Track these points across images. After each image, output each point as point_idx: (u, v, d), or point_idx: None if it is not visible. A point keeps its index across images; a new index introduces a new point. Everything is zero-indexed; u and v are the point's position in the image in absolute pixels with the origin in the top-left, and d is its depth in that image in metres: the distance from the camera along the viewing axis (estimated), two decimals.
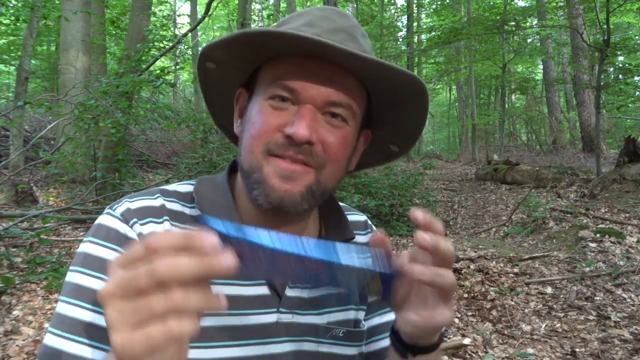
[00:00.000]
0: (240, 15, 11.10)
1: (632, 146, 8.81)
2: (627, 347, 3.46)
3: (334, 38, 0.77)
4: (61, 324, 0.74)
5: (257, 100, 0.81)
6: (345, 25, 0.82)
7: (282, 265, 0.53)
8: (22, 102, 6.86)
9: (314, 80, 0.77)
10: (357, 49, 0.78)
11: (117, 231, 0.79)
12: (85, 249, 0.80)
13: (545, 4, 14.28)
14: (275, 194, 0.77)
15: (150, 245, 0.48)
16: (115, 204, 0.84)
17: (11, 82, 20.10)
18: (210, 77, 0.87)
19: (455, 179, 13.29)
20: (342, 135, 0.80)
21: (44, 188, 8.07)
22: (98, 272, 0.76)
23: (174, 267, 0.46)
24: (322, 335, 0.88)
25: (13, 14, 9.59)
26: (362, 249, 0.59)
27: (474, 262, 5.22)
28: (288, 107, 0.78)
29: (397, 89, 0.80)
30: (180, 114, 9.15)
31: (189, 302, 0.47)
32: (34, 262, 4.47)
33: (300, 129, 0.75)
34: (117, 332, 0.47)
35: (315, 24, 0.81)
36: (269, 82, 0.79)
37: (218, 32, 26.82)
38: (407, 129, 0.90)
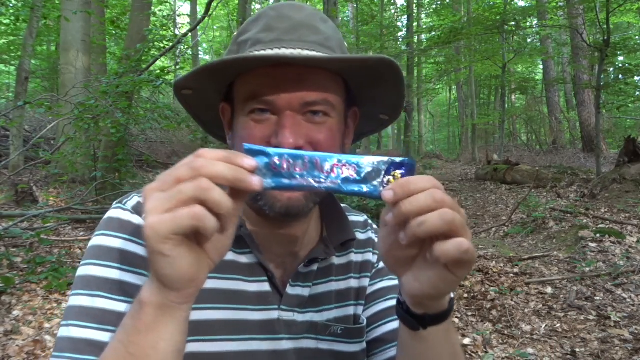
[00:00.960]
0: (240, 15, 11.10)
1: (632, 146, 8.81)
2: (627, 347, 3.46)
3: (294, 36, 0.80)
4: (79, 315, 0.75)
5: (239, 116, 0.83)
6: (302, 19, 0.82)
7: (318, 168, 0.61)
8: (22, 102, 6.86)
9: (285, 87, 0.78)
10: (319, 41, 0.81)
11: (130, 222, 0.81)
12: (98, 241, 0.81)
13: (545, 4, 14.28)
14: (279, 204, 0.80)
15: (198, 152, 0.57)
16: (125, 198, 0.85)
17: (11, 82, 20.10)
18: (190, 101, 0.90)
19: (455, 179, 13.29)
20: (327, 130, 0.81)
21: (44, 188, 8.07)
22: (113, 262, 0.78)
23: (210, 165, 0.55)
24: (321, 332, 0.90)
25: (13, 14, 9.59)
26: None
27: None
28: (269, 117, 0.79)
29: (368, 70, 0.81)
30: (180, 114, 9.14)
31: (213, 190, 0.54)
32: (34, 262, 4.47)
33: (284, 138, 0.76)
34: (150, 215, 0.54)
35: (272, 26, 0.82)
36: (245, 98, 0.81)
37: (218, 32, 26.81)
38: (390, 101, 0.92)
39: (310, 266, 0.92)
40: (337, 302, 0.95)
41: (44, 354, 3.16)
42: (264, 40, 0.81)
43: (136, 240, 0.80)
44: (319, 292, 0.93)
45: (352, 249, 0.99)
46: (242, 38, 0.85)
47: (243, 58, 0.75)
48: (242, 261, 0.86)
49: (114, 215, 0.83)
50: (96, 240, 0.81)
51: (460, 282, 0.60)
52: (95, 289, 0.76)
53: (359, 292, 0.99)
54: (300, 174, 0.61)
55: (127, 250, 0.79)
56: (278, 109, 0.79)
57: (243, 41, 0.85)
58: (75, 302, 0.76)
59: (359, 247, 1.01)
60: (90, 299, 0.76)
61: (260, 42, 0.81)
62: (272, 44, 0.80)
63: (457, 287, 0.71)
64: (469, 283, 4.62)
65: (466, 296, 4.39)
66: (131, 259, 0.78)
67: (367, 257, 1.02)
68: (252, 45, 0.82)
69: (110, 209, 0.85)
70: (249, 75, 0.80)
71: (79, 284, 0.78)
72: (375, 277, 1.02)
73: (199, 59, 20.22)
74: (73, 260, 4.88)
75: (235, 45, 0.87)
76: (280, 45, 0.80)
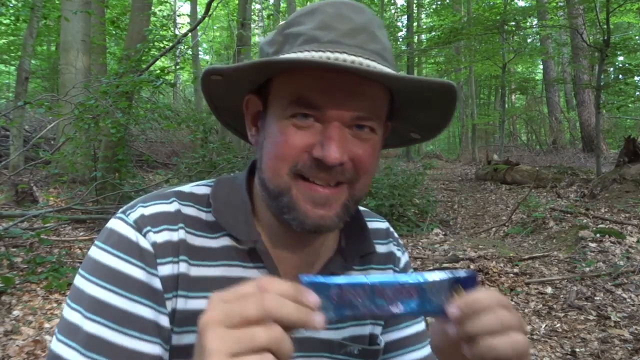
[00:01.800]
0: (240, 15, 11.10)
1: (632, 146, 8.81)
2: (627, 347, 3.46)
3: (353, 41, 0.73)
4: (69, 332, 0.72)
5: (275, 117, 0.75)
6: (363, 23, 0.75)
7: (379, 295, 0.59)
8: (22, 102, 6.86)
9: (339, 95, 0.71)
10: (378, 50, 0.74)
11: (129, 240, 0.75)
12: (97, 255, 0.76)
13: (545, 4, 14.28)
14: (310, 221, 0.74)
15: (262, 284, 0.53)
16: (129, 208, 0.80)
17: (11, 82, 20.10)
18: (214, 86, 0.81)
19: (455, 179, 13.28)
20: (371, 147, 0.75)
21: (44, 188, 8.07)
22: (105, 281, 0.73)
23: (281, 307, 0.51)
24: (336, 351, 0.86)
25: (13, 14, 9.59)
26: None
27: (474, 262, 5.22)
28: (312, 125, 0.72)
29: (424, 94, 0.75)
30: (180, 114, 9.15)
31: (285, 341, 0.51)
32: (34, 262, 4.47)
33: (330, 152, 0.70)
34: (216, 358, 0.49)
35: (330, 25, 0.73)
36: (288, 99, 0.73)
37: (218, 32, 26.81)
38: (432, 124, 0.85)
39: None
40: (354, 320, 0.88)
41: (44, 354, 3.15)
42: (320, 39, 0.73)
43: (132, 260, 0.74)
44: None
45: (372, 263, 0.93)
46: (291, 30, 0.76)
47: (301, 61, 0.68)
48: (251, 276, 0.80)
49: (115, 228, 0.77)
50: (95, 253, 0.76)
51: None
52: (86, 309, 0.72)
53: None
54: (362, 304, 0.59)
55: (121, 272, 0.74)
56: (326, 118, 0.72)
57: (293, 34, 0.75)
58: (68, 316, 0.73)
59: (379, 262, 0.95)
60: (80, 317, 0.72)
61: (317, 41, 0.73)
62: (330, 46, 0.72)
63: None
64: None
65: None
66: (124, 281, 0.73)
67: None
68: (305, 42, 0.73)
69: (114, 218, 0.80)
70: (298, 75, 0.72)
71: (74, 297, 0.75)
72: None
73: (199, 59, 20.22)
74: (73, 260, 4.88)
75: (281, 36, 0.77)
76: (341, 49, 0.72)
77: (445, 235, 7.18)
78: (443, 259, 5.40)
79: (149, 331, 0.72)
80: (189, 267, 0.76)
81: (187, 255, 0.77)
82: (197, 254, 0.78)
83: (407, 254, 1.03)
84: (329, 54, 0.71)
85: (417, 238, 6.87)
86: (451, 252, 5.78)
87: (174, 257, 0.76)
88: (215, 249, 0.79)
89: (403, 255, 1.01)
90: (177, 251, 0.76)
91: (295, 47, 0.74)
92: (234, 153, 7.78)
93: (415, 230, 7.30)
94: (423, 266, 5.09)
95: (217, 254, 0.79)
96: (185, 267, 0.76)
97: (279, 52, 0.76)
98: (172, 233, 0.77)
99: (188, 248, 0.77)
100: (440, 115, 0.81)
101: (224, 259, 0.79)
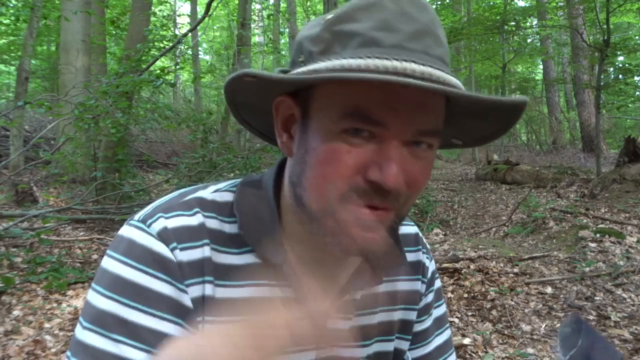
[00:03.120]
0: (240, 15, 11.10)
1: (632, 146, 8.81)
2: (627, 347, 3.46)
3: (419, 46, 0.62)
4: (89, 356, 0.65)
5: (322, 129, 0.64)
6: (428, 23, 0.64)
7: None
8: (22, 102, 6.85)
9: (402, 110, 0.61)
10: (442, 55, 0.65)
11: (154, 252, 0.68)
12: (116, 269, 0.68)
13: (545, 4, 14.27)
14: (356, 246, 0.66)
15: None
16: (148, 217, 0.71)
17: (11, 82, 20.10)
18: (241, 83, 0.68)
19: (455, 179, 13.29)
20: (427, 165, 0.67)
21: (44, 188, 8.08)
22: (130, 299, 0.66)
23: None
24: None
25: (13, 14, 9.59)
26: None
27: (474, 262, 5.22)
28: (367, 142, 0.63)
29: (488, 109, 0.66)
30: (180, 114, 9.15)
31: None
32: (34, 262, 4.47)
33: (390, 176, 0.61)
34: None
35: (393, 25, 0.62)
36: (341, 110, 0.62)
37: (218, 32, 26.80)
38: (484, 135, 0.76)
39: (353, 294, 0.80)
40: (379, 336, 0.84)
41: (44, 353, 3.16)
42: (382, 42, 0.62)
43: (159, 275, 0.68)
44: (361, 325, 0.81)
45: (400, 274, 0.87)
46: (343, 28, 0.64)
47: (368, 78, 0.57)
48: (277, 295, 0.74)
49: (137, 239, 0.69)
50: (114, 266, 0.68)
51: None
52: (111, 331, 0.65)
53: (404, 325, 0.88)
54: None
55: (148, 288, 0.67)
56: (386, 135, 0.62)
57: (346, 33, 0.64)
58: (87, 340, 0.66)
59: (407, 273, 0.89)
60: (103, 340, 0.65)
61: (378, 45, 0.62)
62: (394, 52, 0.61)
63: None
64: (469, 283, 4.62)
65: (466, 296, 4.39)
66: (152, 298, 0.67)
67: (416, 287, 0.90)
68: (363, 44, 0.62)
69: (131, 226, 0.71)
70: (354, 82, 0.60)
71: (93, 318, 0.66)
72: (424, 313, 0.92)
73: (199, 58, 20.22)
74: (73, 260, 4.88)
75: (330, 33, 0.65)
76: (407, 56, 0.61)
77: (445, 235, 7.18)
78: (443, 259, 5.40)
79: None
80: (214, 289, 0.71)
81: (213, 275, 0.71)
82: (223, 272, 0.72)
83: (433, 261, 0.97)
84: (396, 62, 0.60)
85: None
86: (451, 252, 5.77)
87: (199, 277, 0.70)
88: (240, 266, 0.73)
89: (430, 264, 0.96)
90: (202, 271, 0.70)
91: (351, 50, 0.63)
92: (234, 153, 7.77)
93: None
94: None
95: (242, 273, 0.73)
96: (211, 288, 0.71)
97: (326, 52, 0.65)
98: (197, 250, 0.70)
99: (214, 267, 0.71)
100: (499, 127, 0.71)
101: (249, 278, 0.73)
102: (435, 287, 0.96)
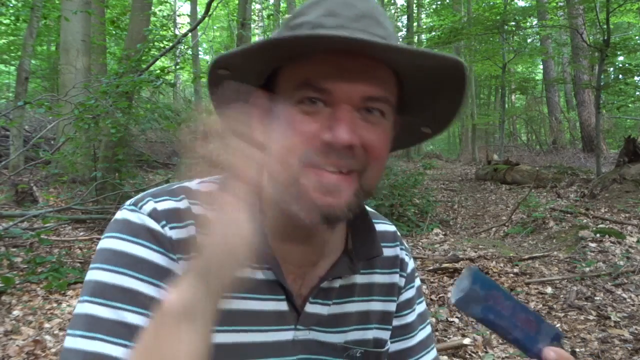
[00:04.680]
0: (240, 15, 11.11)
1: (632, 146, 8.81)
2: (627, 347, 3.46)
3: (358, 26, 0.72)
4: (91, 325, 0.67)
5: (282, 106, 0.73)
6: (368, 9, 0.74)
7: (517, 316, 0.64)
8: (22, 102, 6.85)
9: (347, 77, 0.70)
10: (383, 35, 0.73)
11: (147, 227, 0.73)
12: (113, 245, 0.72)
13: (545, 4, 14.28)
14: (318, 210, 0.71)
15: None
16: (139, 201, 0.77)
17: (11, 82, 20.10)
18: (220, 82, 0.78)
19: (455, 179, 13.28)
20: (382, 132, 0.74)
21: (44, 188, 8.08)
22: (129, 269, 0.70)
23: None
24: (339, 354, 0.85)
25: (13, 14, 9.60)
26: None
27: (474, 262, 5.22)
28: (320, 110, 0.71)
29: (432, 75, 0.74)
30: (180, 114, 9.15)
31: None
32: (34, 262, 4.47)
33: (340, 133, 0.68)
34: None
35: (336, 12, 0.73)
36: (295, 85, 0.72)
37: (218, 32, 26.82)
38: (442, 114, 0.82)
39: (332, 282, 0.85)
40: (357, 324, 0.88)
41: (44, 353, 3.15)
42: (326, 24, 0.71)
43: (152, 247, 0.72)
44: (339, 312, 0.86)
45: (377, 267, 0.92)
46: (297, 21, 0.75)
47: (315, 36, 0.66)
48: (258, 277, 0.79)
49: (129, 218, 0.74)
50: (110, 243, 0.72)
51: None
52: (111, 299, 0.68)
53: (383, 316, 0.92)
54: (504, 316, 0.63)
55: (144, 259, 0.72)
56: (334, 100, 0.70)
57: (298, 24, 0.74)
58: (88, 310, 0.68)
59: (385, 266, 0.93)
60: (103, 308, 0.68)
61: (322, 27, 0.71)
62: (335, 30, 0.71)
63: None
64: None
65: None
66: (148, 267, 0.71)
67: (394, 280, 0.95)
68: (311, 28, 0.72)
69: (123, 210, 0.76)
70: (304, 60, 0.71)
71: (92, 291, 0.70)
72: (406, 307, 0.97)
73: (199, 58, 20.22)
74: (73, 260, 4.88)
75: (287, 28, 0.76)
76: (347, 32, 0.70)
77: (445, 235, 7.18)
78: (443, 259, 5.40)
79: None
80: None
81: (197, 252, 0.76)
82: None
83: (412, 259, 1.02)
84: (333, 32, 0.70)
85: (417, 238, 6.88)
86: (451, 252, 5.78)
87: (186, 254, 0.74)
88: None
89: (410, 261, 1.00)
90: (189, 249, 0.73)
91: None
92: None
93: (415, 230, 7.30)
94: (423, 266, 5.09)
95: None
96: None
97: None
98: (183, 230, 0.75)
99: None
100: (450, 100, 0.78)
101: None
102: (417, 285, 1.01)
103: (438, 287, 4.56)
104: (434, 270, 4.97)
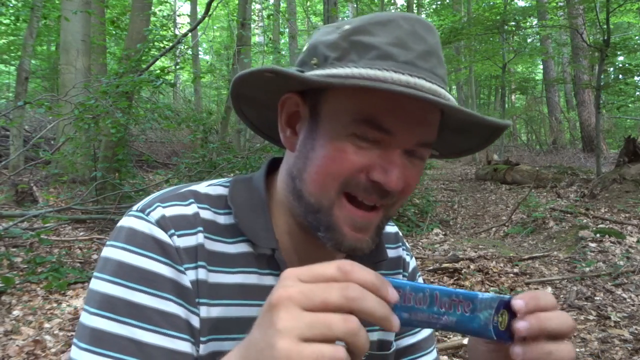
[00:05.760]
0: (240, 15, 11.09)
1: (632, 146, 8.81)
2: (627, 347, 3.46)
3: (427, 65, 0.70)
4: (99, 341, 0.66)
5: (331, 130, 0.70)
6: (434, 45, 0.72)
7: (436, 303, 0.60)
8: (22, 102, 6.86)
9: (409, 121, 0.68)
10: (443, 75, 0.72)
11: (155, 238, 0.72)
12: (119, 256, 0.71)
13: (545, 4, 14.28)
14: (347, 243, 0.73)
15: (345, 269, 0.50)
16: (147, 207, 0.75)
17: (11, 82, 20.11)
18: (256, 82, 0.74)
19: (455, 179, 13.28)
20: (418, 173, 0.74)
21: (44, 188, 8.08)
22: (136, 283, 0.69)
23: (365, 299, 0.49)
24: None
25: (13, 14, 9.60)
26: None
27: (474, 262, 5.22)
28: (372, 147, 0.69)
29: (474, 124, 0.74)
30: (180, 114, 9.14)
31: (362, 335, 0.48)
32: (34, 262, 4.47)
33: (393, 178, 0.68)
34: (287, 338, 0.46)
35: (407, 44, 0.69)
36: (353, 116, 0.68)
37: (218, 32, 26.81)
38: (461, 148, 0.84)
39: None
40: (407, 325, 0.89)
41: (44, 353, 3.16)
42: (397, 57, 0.68)
43: (160, 258, 0.71)
44: None
45: (382, 269, 0.91)
46: (360, 39, 0.70)
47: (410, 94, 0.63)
48: (266, 283, 0.77)
49: (136, 227, 0.72)
50: (116, 254, 0.71)
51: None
52: (121, 314, 0.68)
53: None
54: (420, 309, 0.59)
55: (151, 271, 0.70)
56: (391, 143, 0.69)
57: (363, 44, 0.70)
58: (94, 324, 0.67)
59: (389, 267, 0.94)
60: (110, 322, 0.67)
61: (392, 59, 0.68)
62: (406, 68, 0.68)
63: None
64: (469, 283, 4.62)
65: None
66: (155, 280, 0.70)
67: None
68: (379, 57, 0.68)
69: (130, 216, 0.75)
70: (366, 91, 0.67)
71: (98, 304, 0.69)
72: None
73: (199, 58, 20.22)
74: (73, 260, 4.88)
75: (347, 42, 0.71)
76: (417, 72, 0.68)
77: (445, 235, 7.18)
78: (443, 259, 5.40)
79: (183, 330, 0.70)
80: (208, 274, 0.74)
81: (206, 260, 0.74)
82: (215, 259, 0.75)
83: (414, 258, 1.03)
84: (409, 77, 0.67)
85: (417, 238, 6.88)
86: (451, 252, 5.78)
87: (193, 262, 0.73)
88: (233, 254, 0.77)
89: (411, 260, 1.01)
90: (196, 257, 0.74)
91: (367, 60, 0.69)
92: (234, 153, 7.78)
93: (415, 230, 7.30)
94: (423, 266, 5.09)
95: (234, 260, 0.77)
96: (204, 273, 0.74)
97: (343, 59, 0.70)
98: (192, 237, 0.74)
99: (207, 253, 0.75)
100: (478, 143, 0.80)
101: (241, 265, 0.77)
102: None
103: None
104: (434, 270, 4.98)
